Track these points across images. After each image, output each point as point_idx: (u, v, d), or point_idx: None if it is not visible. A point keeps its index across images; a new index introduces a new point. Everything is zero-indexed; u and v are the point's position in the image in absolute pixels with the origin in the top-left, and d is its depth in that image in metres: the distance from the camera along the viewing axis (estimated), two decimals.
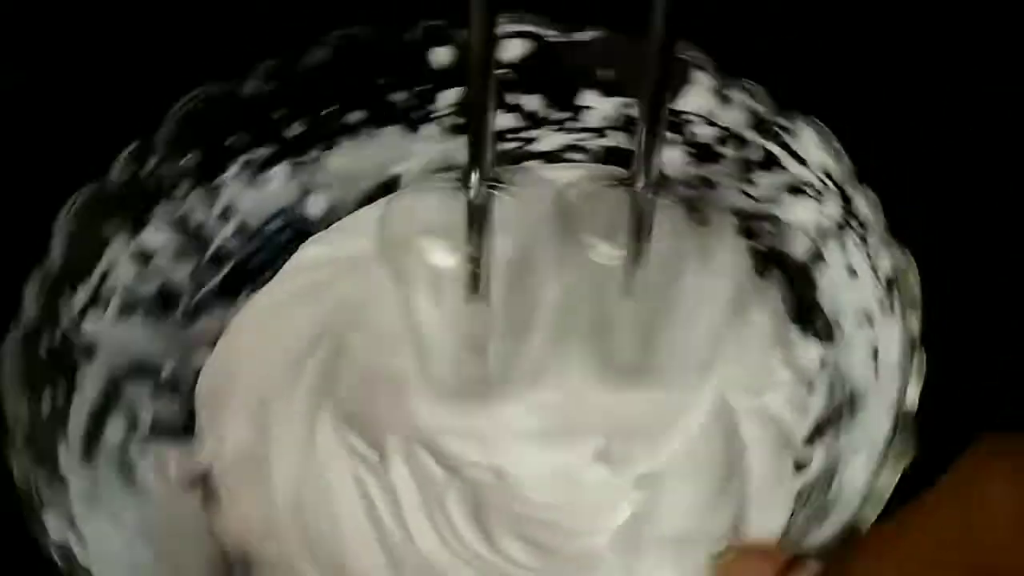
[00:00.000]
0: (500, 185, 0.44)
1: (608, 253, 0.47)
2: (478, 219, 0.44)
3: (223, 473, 0.48)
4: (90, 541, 0.40)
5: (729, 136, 0.51)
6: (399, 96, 0.53)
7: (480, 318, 0.47)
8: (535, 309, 0.49)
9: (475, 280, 0.46)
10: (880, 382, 0.41)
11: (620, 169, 0.49)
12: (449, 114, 0.54)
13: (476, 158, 0.43)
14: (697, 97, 0.50)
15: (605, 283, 0.47)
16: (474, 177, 0.43)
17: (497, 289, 0.47)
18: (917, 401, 0.38)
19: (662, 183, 0.45)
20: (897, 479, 0.38)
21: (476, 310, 0.47)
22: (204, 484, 0.48)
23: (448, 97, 0.54)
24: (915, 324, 0.40)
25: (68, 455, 0.43)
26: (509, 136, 0.55)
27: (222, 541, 0.47)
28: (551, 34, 0.51)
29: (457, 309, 0.47)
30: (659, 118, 0.42)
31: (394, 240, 0.48)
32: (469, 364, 0.49)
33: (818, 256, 0.48)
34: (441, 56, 0.52)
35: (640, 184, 0.43)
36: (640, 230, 0.44)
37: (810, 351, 0.49)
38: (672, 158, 0.52)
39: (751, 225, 0.52)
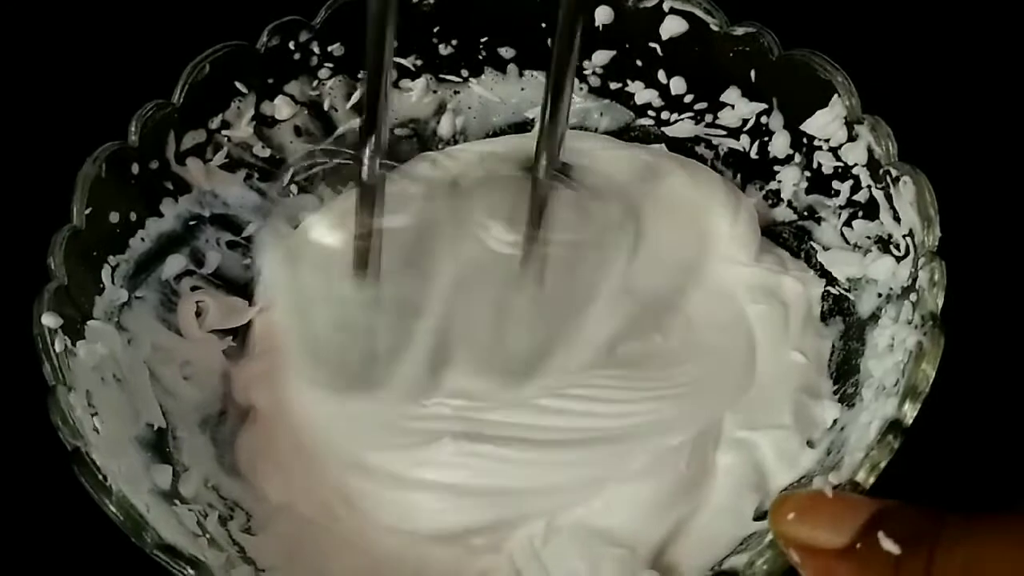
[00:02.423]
0: (394, 166, 0.45)
1: (504, 238, 0.45)
2: (368, 197, 0.44)
3: (263, 333, 0.51)
4: (89, 342, 0.43)
5: (847, 173, 0.48)
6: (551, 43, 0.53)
7: (368, 298, 0.47)
8: (427, 291, 0.47)
9: (362, 257, 0.45)
10: (855, 457, 0.38)
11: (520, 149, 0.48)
12: (597, 74, 0.54)
13: (369, 134, 0.42)
14: (828, 122, 0.47)
15: (501, 269, 0.46)
16: (367, 154, 0.43)
17: (388, 268, 0.46)
18: (868, 485, 0.36)
19: (563, 170, 0.44)
20: None
21: (364, 289, 0.46)
22: (235, 337, 0.51)
23: (601, 58, 0.53)
24: (909, 411, 0.37)
25: (117, 269, 0.46)
26: (649, 113, 0.54)
27: (231, 388, 0.49)
28: (711, 21, 0.50)
29: (343, 288, 0.46)
30: (562, 102, 0.41)
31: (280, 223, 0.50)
32: (352, 347, 0.47)
33: (876, 317, 0.45)
34: (604, 15, 0.52)
35: (541, 171, 0.43)
36: (539, 217, 0.43)
37: (828, 410, 0.45)
38: (789, 176, 0.51)
39: (833, 268, 0.49)
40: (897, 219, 0.44)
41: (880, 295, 0.45)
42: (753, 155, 0.52)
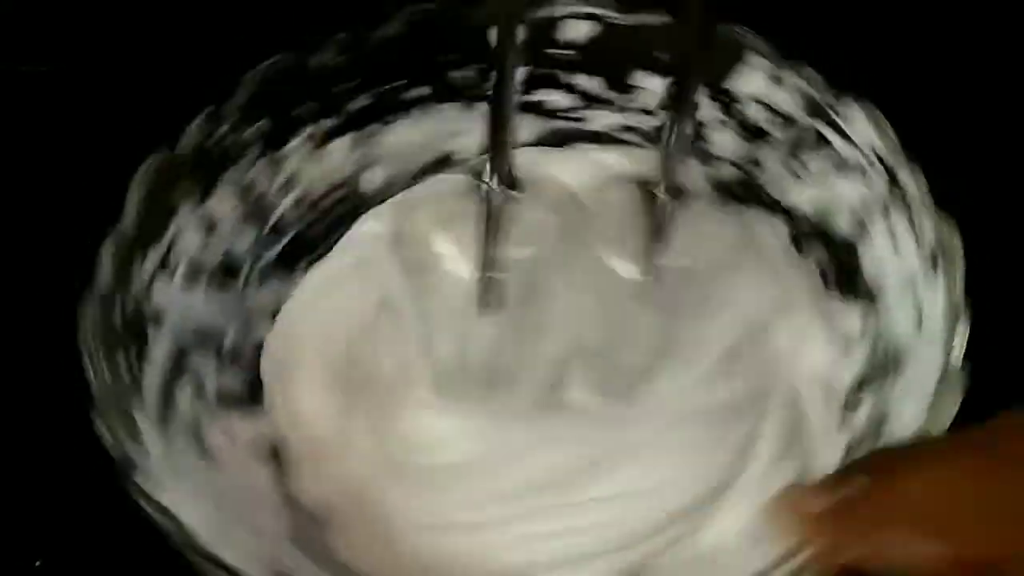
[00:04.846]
0: (515, 191, 0.44)
1: (622, 264, 0.46)
2: (495, 225, 0.44)
3: (302, 441, 0.48)
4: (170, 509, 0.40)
5: (782, 119, 0.51)
6: (460, 74, 0.54)
7: (491, 327, 0.47)
8: (546, 319, 0.48)
9: (489, 289, 0.46)
10: (925, 342, 0.43)
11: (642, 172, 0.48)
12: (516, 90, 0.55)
13: (496, 161, 0.43)
14: (751, 80, 0.51)
15: (619, 293, 0.47)
16: (493, 180, 0.43)
17: (509, 298, 0.47)
18: (962, 356, 0.40)
19: (684, 191, 0.45)
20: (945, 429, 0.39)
21: (487, 319, 0.47)
22: (276, 453, 0.48)
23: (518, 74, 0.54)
24: (959, 286, 0.42)
25: (147, 423, 0.43)
26: (563, 115, 0.55)
27: (301, 502, 0.47)
28: (614, 16, 0.52)
29: (469, 317, 0.47)
30: (687, 126, 0.42)
31: (411, 236, 0.51)
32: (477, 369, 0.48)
33: (863, 231, 0.49)
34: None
35: (662, 191, 0.44)
36: (659, 239, 0.44)
37: (851, 317, 0.49)
38: (723, 140, 0.53)
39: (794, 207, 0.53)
40: (851, 142, 0.48)
41: (858, 213, 0.49)
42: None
